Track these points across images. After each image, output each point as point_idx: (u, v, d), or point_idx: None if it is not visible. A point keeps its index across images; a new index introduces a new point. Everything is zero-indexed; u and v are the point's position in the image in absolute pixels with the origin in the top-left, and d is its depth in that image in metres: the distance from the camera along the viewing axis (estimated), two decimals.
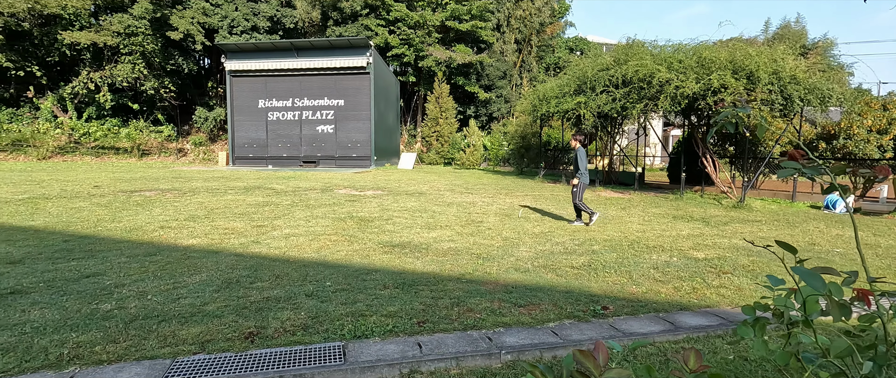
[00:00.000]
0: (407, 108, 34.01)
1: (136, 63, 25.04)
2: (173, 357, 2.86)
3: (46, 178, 13.90)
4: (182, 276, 4.48)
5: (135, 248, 5.61)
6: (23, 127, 24.09)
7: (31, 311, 3.55)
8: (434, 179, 15.89)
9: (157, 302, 3.76)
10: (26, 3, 22.01)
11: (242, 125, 22.84)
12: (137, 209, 8.43)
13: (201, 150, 27.11)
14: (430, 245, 5.91)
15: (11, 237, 6.06)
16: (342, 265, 4.94)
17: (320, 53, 21.79)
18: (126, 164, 22.36)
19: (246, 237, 6.25)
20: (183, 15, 25.38)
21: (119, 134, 25.40)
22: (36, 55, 24.88)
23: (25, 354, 2.86)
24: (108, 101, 25.75)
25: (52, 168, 18.96)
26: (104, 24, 24.98)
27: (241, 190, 11.52)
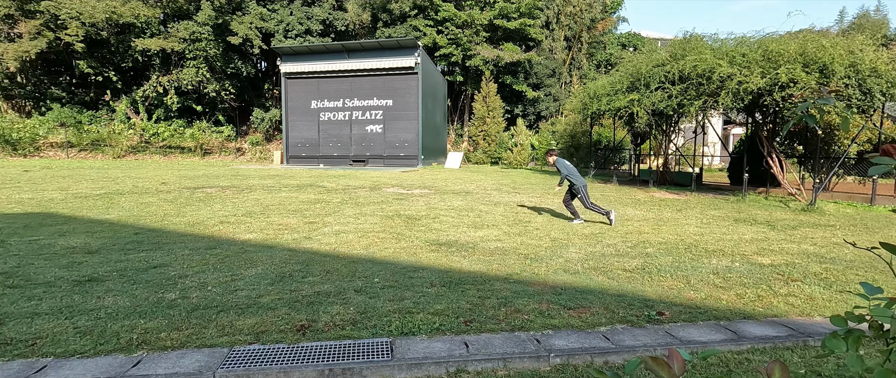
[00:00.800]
0: (454, 107, 34.11)
1: (200, 67, 26.52)
2: (230, 346, 2.99)
3: (120, 175, 14.98)
4: (239, 269, 4.68)
5: (197, 241, 5.92)
6: (100, 128, 26.10)
7: (106, 297, 3.82)
8: (481, 179, 15.83)
9: (217, 293, 3.94)
10: (105, 14, 23.83)
11: (296, 125, 23.68)
12: (200, 205, 8.91)
13: (257, 149, 28.35)
14: (477, 244, 5.88)
15: (90, 229, 6.56)
16: (390, 262, 5.00)
17: (370, 55, 22.22)
18: (190, 163, 23.75)
19: (298, 233, 6.46)
20: (242, 20, 26.63)
21: (184, 134, 27.00)
22: (112, 61, 26.88)
23: (100, 338, 3.08)
24: (174, 104, 27.45)
25: (125, 166, 20.43)
26: (172, 31, 26.63)
27: (294, 188, 11.93)
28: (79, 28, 23.71)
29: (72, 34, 23.79)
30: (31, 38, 24.03)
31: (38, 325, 3.27)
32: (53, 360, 2.79)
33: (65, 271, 4.52)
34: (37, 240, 5.84)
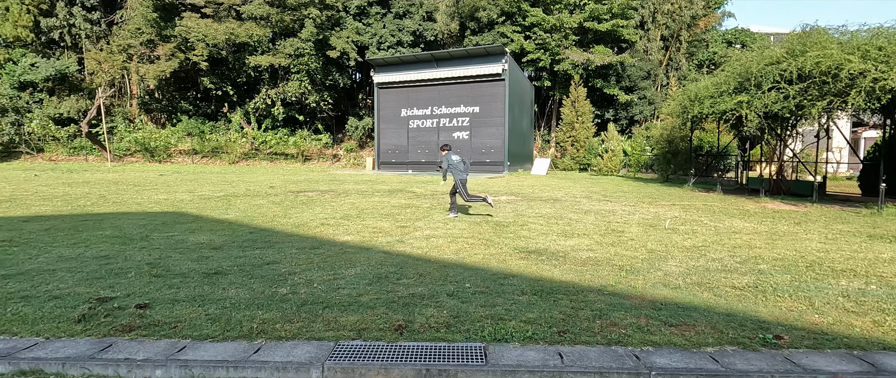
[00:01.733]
0: (541, 113, 33.59)
1: (303, 80, 28.74)
2: (336, 340, 3.22)
3: (235, 180, 16.67)
4: (340, 268, 5.01)
5: (302, 241, 6.42)
6: (219, 137, 29.23)
7: (229, 289, 4.28)
8: (569, 186, 15.43)
9: (322, 290, 4.26)
10: (224, 35, 26.74)
11: (387, 133, 24.78)
12: (303, 207, 9.65)
13: (352, 155, 30.02)
14: (568, 253, 5.75)
15: (213, 228, 7.38)
16: (480, 268, 5.06)
17: (457, 63, 22.65)
18: (292, 168, 25.79)
19: (392, 236, 6.75)
20: (340, 35, 28.46)
21: (288, 142, 29.37)
22: (230, 77, 30.03)
23: (226, 325, 3.47)
24: (280, 114, 29.98)
25: (238, 171, 22.69)
26: (279, 48, 29.17)
27: (385, 192, 12.48)
28: (204, 49, 26.81)
29: (198, 54, 26.97)
30: (167, 59, 27.59)
31: (178, 310, 3.76)
32: (191, 342, 3.20)
33: (196, 264, 5.14)
34: (173, 236, 6.70)
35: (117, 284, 4.40)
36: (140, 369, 2.89)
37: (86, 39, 29.53)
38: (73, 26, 29.10)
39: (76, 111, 28.25)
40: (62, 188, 13.13)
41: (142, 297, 4.06)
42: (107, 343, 3.17)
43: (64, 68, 27.95)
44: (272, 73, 30.02)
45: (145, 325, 3.46)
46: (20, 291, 4.18)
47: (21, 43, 28.43)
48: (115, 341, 3.20)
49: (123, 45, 28.49)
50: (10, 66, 27.87)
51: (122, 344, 3.16)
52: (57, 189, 12.90)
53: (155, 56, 28.64)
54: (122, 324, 3.47)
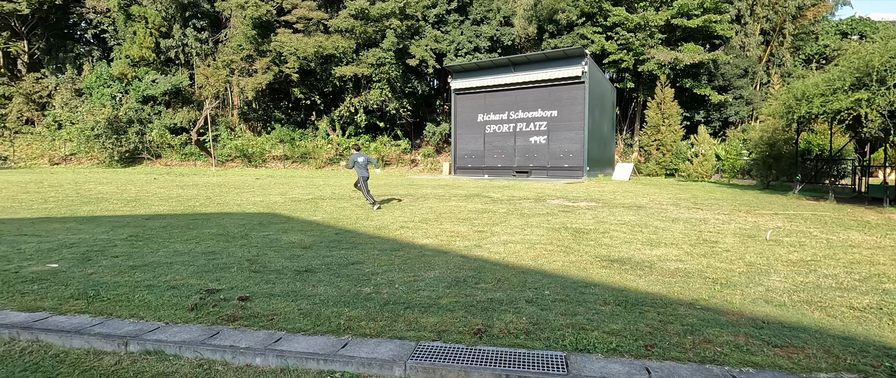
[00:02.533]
0: (623, 115, 32.16)
1: (383, 88, 29.89)
2: (417, 340, 3.31)
3: (321, 183, 17.68)
4: (420, 270, 5.14)
5: (383, 243, 6.67)
6: (307, 143, 31.21)
7: (318, 286, 4.56)
8: (654, 192, 14.61)
9: (403, 291, 4.40)
10: (314, 48, 28.57)
11: (463, 138, 25.03)
12: (383, 210, 10.02)
13: (429, 160, 30.67)
14: (654, 263, 5.45)
15: (303, 228, 7.89)
16: (559, 276, 4.95)
17: (535, 66, 22.36)
18: (373, 173, 26.86)
19: (469, 241, 6.81)
20: (419, 44, 29.26)
21: (369, 148, 30.65)
22: (317, 87, 31.97)
23: (317, 320, 3.70)
24: (362, 121, 31.39)
25: (324, 175, 24.05)
26: (362, 59, 30.60)
27: (462, 197, 12.61)
28: (295, 62, 28.81)
29: (290, 67, 29.03)
30: (263, 72, 29.98)
31: (274, 304, 4.06)
32: (285, 334, 3.45)
33: (288, 262, 5.52)
34: (268, 235, 7.25)
35: (222, 278, 4.85)
36: (242, 356, 3.17)
37: (196, 57, 32.91)
38: (186, 46, 32.57)
39: (187, 121, 31.55)
40: (176, 190, 14.71)
41: (243, 290, 4.44)
42: (215, 331, 3.51)
43: (178, 83, 31.36)
44: (356, 82, 31.52)
45: (246, 316, 3.79)
46: (145, 281, 4.75)
47: (145, 62, 32.31)
48: (222, 329, 3.53)
49: (227, 61, 31.38)
50: (136, 83, 31.77)
51: (227, 332, 3.48)
52: (172, 191, 14.48)
53: (253, 70, 31.23)
54: (227, 314, 3.82)
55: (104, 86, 32.31)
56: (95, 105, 30.68)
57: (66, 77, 34.39)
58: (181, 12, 31.56)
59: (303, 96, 31.66)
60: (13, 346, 3.39)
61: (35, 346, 3.38)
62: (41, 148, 31.53)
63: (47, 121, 32.76)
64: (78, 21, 36.31)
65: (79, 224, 8.36)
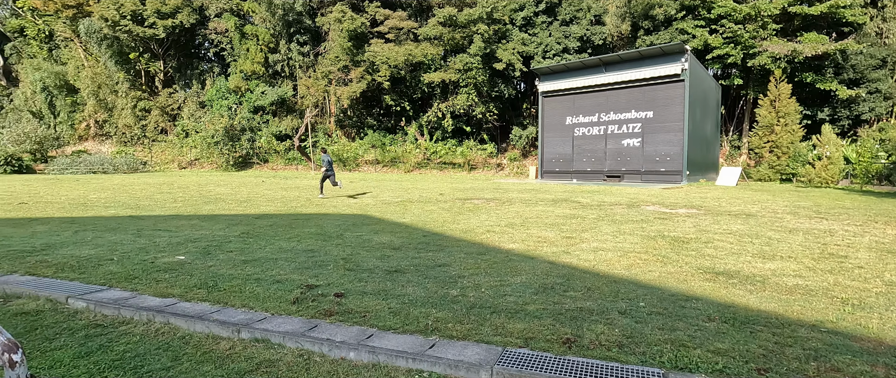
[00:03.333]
0: (729, 115, 29.47)
1: (470, 93, 30.20)
2: (503, 346, 3.28)
3: (410, 187, 18.25)
4: (506, 275, 5.10)
5: (469, 246, 6.72)
6: (397, 148, 32.43)
7: (407, 286, 4.70)
8: (767, 199, 13.19)
9: (489, 295, 4.39)
10: (404, 57, 29.67)
11: (551, 141, 24.48)
12: (469, 214, 10.10)
13: (515, 164, 30.40)
14: (768, 278, 4.92)
15: (393, 230, 8.20)
16: (655, 287, 4.65)
17: (628, 66, 21.28)
18: (459, 177, 27.21)
19: (556, 247, 6.63)
20: (506, 47, 29.18)
21: (455, 152, 31.12)
22: (407, 94, 33.12)
23: (406, 319, 3.81)
24: (449, 126, 31.96)
25: (412, 179, 24.80)
26: (450, 65, 31.18)
27: (549, 202, 12.32)
28: (386, 70, 30.11)
29: (382, 75, 30.39)
30: (357, 81, 31.70)
31: (366, 301, 4.26)
32: (377, 331, 3.59)
33: (379, 262, 5.76)
34: (361, 235, 7.63)
35: (320, 274, 5.19)
36: (338, 350, 3.35)
37: (299, 69, 35.65)
38: (290, 59, 35.40)
39: (291, 128, 34.26)
40: (281, 192, 16.02)
41: (338, 287, 4.71)
42: (313, 324, 3.75)
43: (283, 94, 34.18)
44: (443, 88, 32.19)
45: (341, 311, 4.01)
46: (254, 274, 5.22)
47: (256, 76, 35.64)
48: (319, 323, 3.77)
49: (325, 72, 33.61)
50: (248, 95, 35.14)
51: (324, 326, 3.71)
52: (277, 193, 15.78)
53: (348, 79, 33.13)
54: (324, 309, 4.07)
55: (222, 98, 36.14)
56: (215, 116, 34.44)
57: (192, 91, 39.01)
58: (287, 29, 34.38)
59: (393, 103, 32.95)
60: (149, 326, 3.89)
61: (166, 328, 3.85)
62: (172, 153, 36.05)
63: (177, 130, 37.36)
64: (202, 41, 40.98)
65: (201, 221, 9.40)
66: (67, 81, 40.26)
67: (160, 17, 34.77)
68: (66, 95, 40.53)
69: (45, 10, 38.60)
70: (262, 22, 34.69)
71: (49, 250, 6.59)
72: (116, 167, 31.84)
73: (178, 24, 35.25)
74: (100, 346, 3.48)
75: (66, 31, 40.11)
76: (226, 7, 36.10)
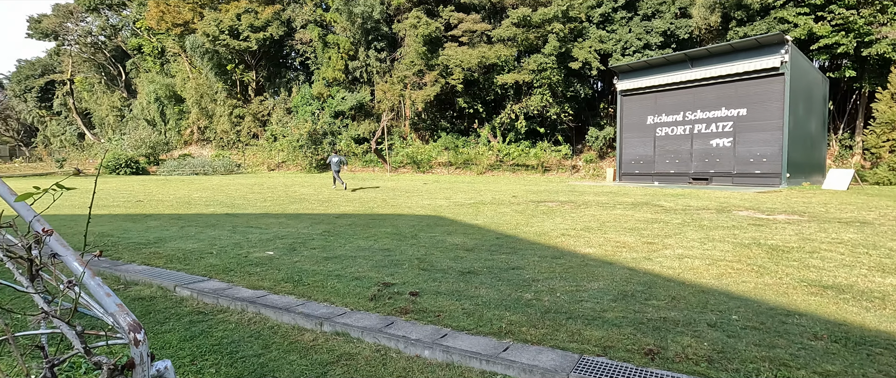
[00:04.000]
0: (839, 111, 26.42)
1: (544, 94, 29.65)
2: (580, 353, 3.18)
3: (482, 189, 18.25)
4: (582, 280, 4.93)
5: (543, 250, 6.59)
6: (469, 150, 32.60)
7: (480, 288, 4.70)
8: (886, 205, 11.66)
9: (564, 300, 4.27)
10: (477, 59, 29.79)
11: (630, 142, 23.36)
12: (543, 217, 9.90)
13: (591, 166, 29.36)
14: (889, 294, 4.34)
15: (466, 231, 8.24)
16: (750, 299, 4.27)
17: (718, 60, 19.77)
18: (532, 179, 26.77)
19: (637, 252, 6.31)
20: (582, 46, 28.30)
21: (529, 154, 30.66)
22: (480, 96, 33.19)
23: (479, 320, 3.81)
24: (523, 127, 31.57)
25: (485, 181, 24.78)
26: (523, 65, 30.81)
27: (628, 205, 11.76)
28: (460, 73, 30.38)
29: (455, 78, 30.71)
30: (431, 85, 32.28)
31: (440, 301, 4.32)
32: (451, 331, 3.63)
33: (453, 263, 5.82)
34: (434, 236, 7.75)
35: (396, 273, 5.33)
36: (413, 347, 3.43)
37: (376, 75, 37.02)
38: (368, 66, 36.85)
39: (368, 132, 35.64)
40: (358, 193, 16.71)
41: (413, 286, 4.82)
42: (389, 321, 3.87)
43: (362, 99, 35.66)
44: (516, 89, 31.89)
45: (416, 310, 4.09)
46: (335, 271, 5.48)
47: (336, 82, 37.50)
48: (395, 320, 3.88)
49: (401, 76, 34.59)
50: (330, 100, 37.05)
51: (400, 323, 3.81)
52: (355, 194, 16.47)
53: (423, 83, 33.84)
54: (400, 307, 4.18)
55: (306, 104, 38.42)
56: (300, 121, 36.70)
57: (280, 99, 41.87)
58: (365, 36, 35.83)
59: (466, 105, 33.17)
60: (243, 316, 4.22)
61: (257, 318, 4.16)
62: (262, 156, 38.89)
63: (267, 135, 40.25)
64: (289, 52, 43.85)
65: (287, 220, 10.05)
66: (175, 92, 44.90)
67: (253, 31, 37.69)
68: (174, 105, 45.18)
69: (159, 29, 43.28)
70: (343, 31, 36.44)
71: (160, 243, 7.36)
72: (215, 169, 34.94)
73: (269, 36, 38.01)
74: (201, 332, 3.83)
75: (174, 47, 44.74)
76: (310, 18, 38.35)
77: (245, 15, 37.66)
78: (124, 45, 51.76)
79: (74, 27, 51.80)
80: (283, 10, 39.59)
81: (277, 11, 38.75)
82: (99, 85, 53.71)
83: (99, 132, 53.86)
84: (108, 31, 52.57)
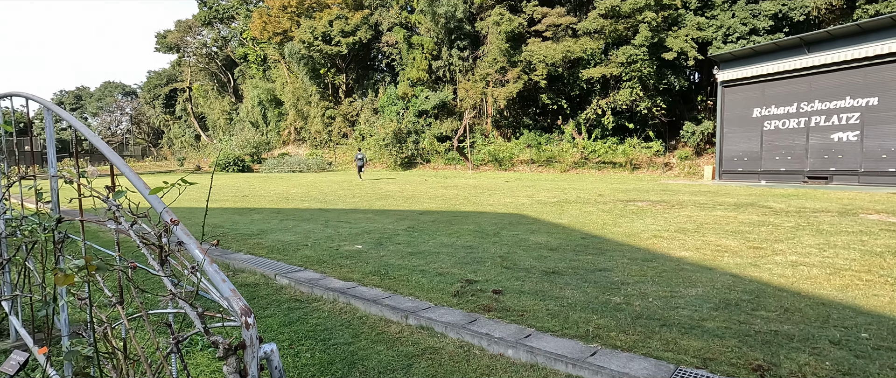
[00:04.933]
0: None
1: (634, 87, 28.09)
2: (676, 363, 2.96)
3: (566, 187, 17.72)
4: (678, 285, 4.60)
5: (633, 252, 6.24)
6: (553, 147, 31.79)
7: (565, 289, 4.56)
8: None
9: (657, 306, 4.01)
10: (561, 54, 28.94)
11: (732, 137, 21.41)
12: (632, 217, 9.39)
13: (686, 164, 27.32)
14: None
15: (549, 230, 8.05)
16: (885, 316, 3.72)
17: (842, 43, 17.45)
18: (620, 177, 25.49)
19: (741, 258, 5.77)
20: (677, 35, 26.39)
21: (616, 150, 29.22)
22: (564, 92, 32.23)
23: (564, 322, 3.70)
24: (610, 123, 30.16)
25: (569, 179, 24.04)
26: (611, 58, 29.42)
27: (730, 206, 10.79)
28: (543, 69, 29.73)
29: (538, 74, 30.10)
30: (513, 82, 31.93)
31: (523, 301, 4.25)
32: (534, 332, 3.56)
33: (536, 262, 5.71)
34: (517, 234, 7.66)
35: (478, 270, 5.34)
36: (496, 346, 3.41)
37: (458, 73, 37.38)
38: (451, 65, 37.30)
39: (450, 130, 36.12)
40: (441, 190, 16.98)
41: (496, 284, 4.79)
42: (472, 317, 3.88)
43: (444, 98, 36.22)
44: (603, 83, 30.57)
45: (499, 308, 4.07)
46: (419, 266, 5.61)
47: (420, 82, 38.43)
48: (478, 317, 3.88)
49: (483, 74, 34.61)
50: (414, 100, 38.06)
51: (482, 321, 3.80)
52: (438, 191, 16.77)
53: (505, 80, 33.58)
54: (483, 304, 4.18)
55: (392, 104, 39.80)
56: (385, 120, 38.13)
57: (367, 100, 43.79)
58: (448, 36, 36.30)
59: (549, 101, 32.39)
60: (335, 305, 4.46)
61: (348, 308, 4.37)
62: (351, 155, 40.94)
63: (355, 134, 42.30)
64: (376, 54, 45.66)
65: (374, 215, 10.48)
66: (275, 96, 48.74)
67: (343, 36, 39.79)
68: (274, 108, 49.07)
69: (261, 39, 47.22)
70: (427, 32, 37.22)
71: (262, 235, 8.02)
72: (309, 167, 37.41)
73: (358, 40, 39.91)
74: (298, 318, 4.11)
75: (275, 54, 48.52)
76: (396, 21, 39.65)
77: (336, 21, 39.87)
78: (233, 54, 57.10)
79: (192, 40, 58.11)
80: (371, 15, 41.33)
81: (365, 16, 40.56)
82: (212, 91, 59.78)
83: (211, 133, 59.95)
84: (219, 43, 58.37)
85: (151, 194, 1.44)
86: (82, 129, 1.91)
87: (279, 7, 43.64)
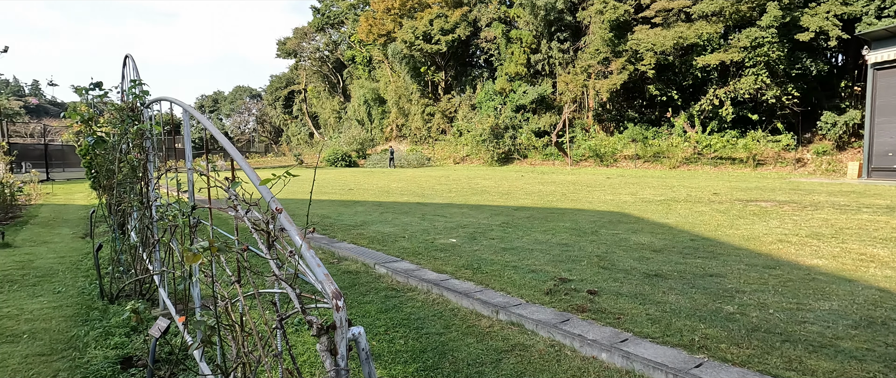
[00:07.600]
0: None
1: (759, 74, 25.12)
2: None
3: (675, 184, 16.42)
4: (806, 298, 4.05)
5: (752, 257, 5.61)
6: (660, 142, 29.59)
7: (669, 294, 4.24)
8: None
9: (779, 319, 3.57)
10: (672, 40, 26.77)
11: (885, 129, 18.24)
12: (753, 219, 8.43)
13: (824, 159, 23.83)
14: None
15: (653, 230, 7.53)
16: None
17: None
18: (740, 174, 22.98)
19: (892, 269, 4.91)
20: (815, 12, 23.08)
21: (736, 145, 26.38)
22: (675, 82, 29.80)
23: (667, 329, 3.44)
24: (729, 115, 27.30)
25: (678, 175, 22.24)
26: (731, 43, 26.57)
27: (881, 209, 9.23)
28: (651, 57, 27.76)
29: (646, 64, 28.18)
30: (618, 73, 30.25)
31: (621, 303, 4.03)
32: (632, 337, 3.36)
33: (637, 263, 5.38)
34: (617, 234, 7.27)
35: (573, 269, 5.17)
36: (589, 348, 3.28)
37: (558, 66, 36.31)
38: (550, 58, 36.35)
39: (549, 125, 35.27)
40: (537, 186, 16.67)
41: (592, 284, 4.60)
42: (565, 317, 3.77)
43: (543, 92, 35.46)
44: (722, 70, 27.78)
45: (594, 309, 3.90)
46: (512, 262, 5.57)
47: (518, 77, 37.99)
48: (571, 317, 3.76)
49: (584, 66, 33.25)
50: (512, 95, 37.75)
51: (575, 321, 3.68)
52: (534, 187, 16.49)
53: (608, 72, 31.94)
54: (577, 304, 4.04)
55: (489, 100, 39.85)
56: (483, 116, 38.28)
57: (465, 96, 44.33)
58: (548, 28, 35.41)
59: (658, 92, 30.19)
60: (428, 296, 4.60)
61: (440, 299, 4.48)
62: (449, 151, 41.80)
63: (453, 130, 43.07)
64: (474, 51, 46.02)
65: (469, 210, 10.60)
66: (379, 95, 51.37)
67: (443, 34, 40.67)
68: (378, 106, 51.74)
69: (367, 41, 50.02)
70: (525, 25, 36.65)
71: (364, 226, 8.51)
72: (409, 162, 38.89)
73: (457, 37, 40.55)
74: (394, 306, 4.30)
75: (379, 55, 51.11)
76: (494, 16, 39.56)
77: (436, 20, 40.87)
78: (342, 57, 61.19)
79: (307, 45, 63.32)
80: (470, 11, 41.70)
81: (464, 13, 41.04)
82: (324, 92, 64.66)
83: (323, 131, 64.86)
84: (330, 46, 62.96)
85: (261, 185, 1.60)
86: (210, 127, 2.18)
87: (383, 9, 45.78)
